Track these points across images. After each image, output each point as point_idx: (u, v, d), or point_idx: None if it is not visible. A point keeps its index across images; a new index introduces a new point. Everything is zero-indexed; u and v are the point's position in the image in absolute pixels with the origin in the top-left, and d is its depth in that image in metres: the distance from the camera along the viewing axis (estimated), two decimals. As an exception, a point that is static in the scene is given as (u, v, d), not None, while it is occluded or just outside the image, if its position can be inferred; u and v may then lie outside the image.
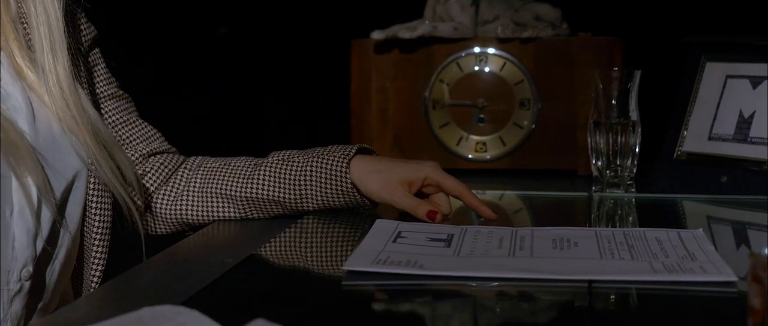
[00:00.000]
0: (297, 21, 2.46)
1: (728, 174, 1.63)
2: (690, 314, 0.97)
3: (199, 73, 2.51)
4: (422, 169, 1.38)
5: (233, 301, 0.99)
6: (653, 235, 1.20)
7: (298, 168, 1.37)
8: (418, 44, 1.85)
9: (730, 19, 2.14)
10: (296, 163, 1.37)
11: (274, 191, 1.37)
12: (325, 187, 1.36)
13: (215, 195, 1.38)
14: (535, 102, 1.83)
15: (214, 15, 2.50)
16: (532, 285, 1.03)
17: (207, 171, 1.40)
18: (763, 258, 0.77)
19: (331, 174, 1.36)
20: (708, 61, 1.73)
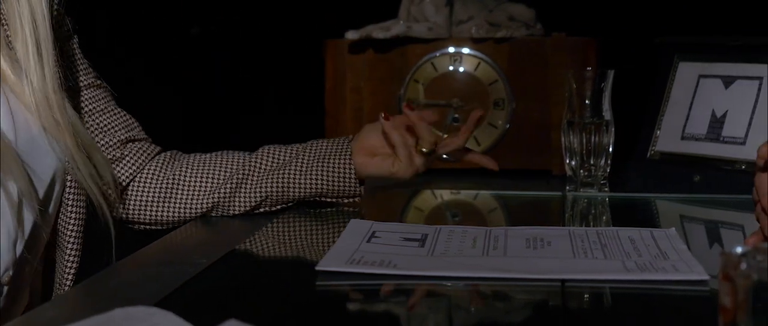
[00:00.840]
0: (271, 21, 2.45)
1: (701, 173, 1.64)
2: (662, 312, 0.97)
3: (171, 72, 2.50)
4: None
5: (207, 302, 0.99)
6: (626, 234, 1.21)
7: (296, 150, 1.42)
8: (393, 44, 1.85)
9: (702, 19, 2.15)
10: (294, 148, 1.42)
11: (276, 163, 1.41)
12: (326, 162, 1.42)
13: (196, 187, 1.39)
14: (509, 102, 1.84)
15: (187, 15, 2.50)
16: (505, 284, 1.03)
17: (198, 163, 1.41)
18: (734, 257, 0.77)
19: (333, 150, 1.43)
20: (681, 61, 1.74)
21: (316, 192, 1.42)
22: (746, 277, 0.75)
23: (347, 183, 1.42)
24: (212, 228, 1.36)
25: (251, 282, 1.10)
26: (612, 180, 1.63)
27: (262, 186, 1.40)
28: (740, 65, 1.65)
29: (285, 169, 1.41)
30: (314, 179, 1.42)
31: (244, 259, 1.20)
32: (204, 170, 1.41)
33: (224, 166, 1.41)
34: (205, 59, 2.50)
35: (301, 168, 1.42)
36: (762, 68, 1.62)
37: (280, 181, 1.41)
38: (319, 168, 1.42)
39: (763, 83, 1.62)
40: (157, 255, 1.21)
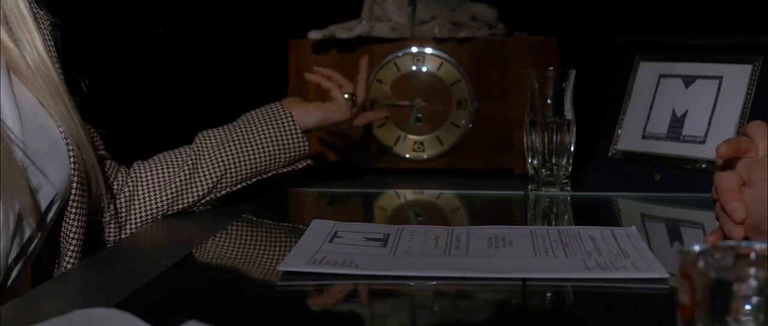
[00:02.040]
0: (234, 20, 2.44)
1: (662, 172, 1.65)
2: (622, 310, 0.98)
3: (134, 72, 2.49)
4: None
5: (167, 303, 0.99)
6: (587, 233, 1.21)
7: (234, 124, 1.46)
8: (356, 44, 1.85)
9: (663, 19, 2.16)
10: (231, 124, 1.47)
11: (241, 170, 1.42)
12: (268, 128, 1.46)
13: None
14: (471, 101, 1.84)
15: (151, 14, 2.48)
16: (467, 283, 1.03)
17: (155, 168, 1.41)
18: (692, 255, 0.77)
19: (271, 113, 1.47)
20: (641, 60, 1.75)
21: (267, 154, 1.43)
22: (704, 275, 0.76)
23: (294, 136, 1.46)
24: (173, 229, 1.35)
25: (212, 282, 1.09)
26: (574, 180, 1.64)
27: (214, 166, 1.41)
28: (700, 65, 1.66)
29: (231, 142, 1.42)
30: (261, 140, 1.43)
31: (206, 260, 1.20)
32: (155, 169, 1.41)
33: (172, 160, 1.42)
34: (168, 59, 2.49)
35: (247, 135, 1.44)
36: (722, 68, 1.64)
37: (231, 154, 1.42)
38: (264, 130, 1.44)
39: (722, 83, 1.63)
40: (118, 257, 1.21)
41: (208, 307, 0.97)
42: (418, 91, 1.85)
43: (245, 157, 1.43)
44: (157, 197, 1.39)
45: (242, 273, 1.16)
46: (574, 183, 1.64)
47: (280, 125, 1.46)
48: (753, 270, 0.76)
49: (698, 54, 1.67)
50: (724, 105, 1.62)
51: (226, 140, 1.43)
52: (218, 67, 2.47)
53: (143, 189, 1.39)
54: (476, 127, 1.84)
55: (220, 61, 2.46)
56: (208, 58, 2.46)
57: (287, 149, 1.45)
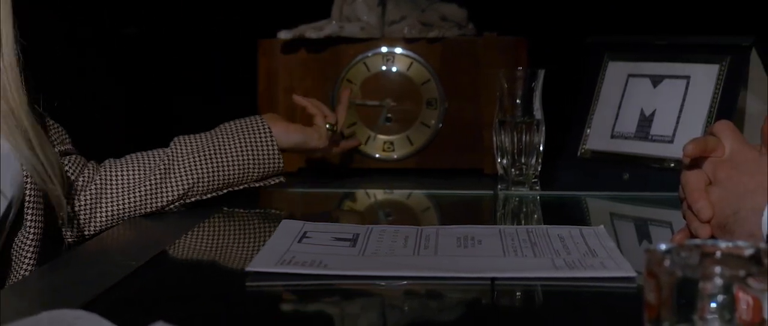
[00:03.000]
0: (203, 20, 2.43)
1: (630, 171, 1.66)
2: (590, 309, 0.98)
3: (104, 72, 2.47)
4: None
5: (135, 304, 0.98)
6: (556, 232, 1.22)
7: (212, 132, 1.45)
8: (326, 44, 1.85)
9: (631, 19, 2.17)
10: (209, 132, 1.45)
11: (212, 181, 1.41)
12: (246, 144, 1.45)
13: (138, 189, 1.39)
14: (441, 101, 1.84)
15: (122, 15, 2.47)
16: (436, 283, 1.03)
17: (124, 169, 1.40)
18: (658, 254, 0.78)
19: (250, 127, 1.45)
20: (610, 60, 1.76)
21: (241, 168, 1.43)
22: (670, 274, 0.76)
23: (270, 153, 1.45)
24: (142, 230, 1.35)
25: (180, 283, 1.09)
26: (543, 179, 1.64)
27: (187, 173, 1.40)
28: (668, 64, 1.67)
29: (206, 151, 1.42)
30: (237, 153, 1.43)
31: (174, 261, 1.19)
32: (126, 170, 1.40)
33: (145, 162, 1.41)
34: (138, 59, 2.48)
35: (223, 146, 1.43)
36: (689, 67, 1.65)
37: (205, 163, 1.41)
38: (241, 143, 1.44)
39: (690, 82, 1.64)
40: (85, 258, 1.20)
41: (176, 308, 0.97)
42: (387, 91, 1.85)
43: (219, 168, 1.42)
44: (125, 198, 1.38)
45: (211, 273, 1.16)
46: (543, 183, 1.64)
47: (258, 140, 1.45)
48: (718, 268, 0.76)
49: (666, 54, 1.68)
50: (692, 104, 1.63)
51: (201, 148, 1.42)
52: (187, 66, 2.46)
53: (112, 188, 1.39)
54: (446, 126, 1.84)
55: (190, 60, 2.45)
56: (178, 58, 2.46)
57: (262, 165, 1.45)
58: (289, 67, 1.86)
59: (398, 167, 1.86)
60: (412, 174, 1.83)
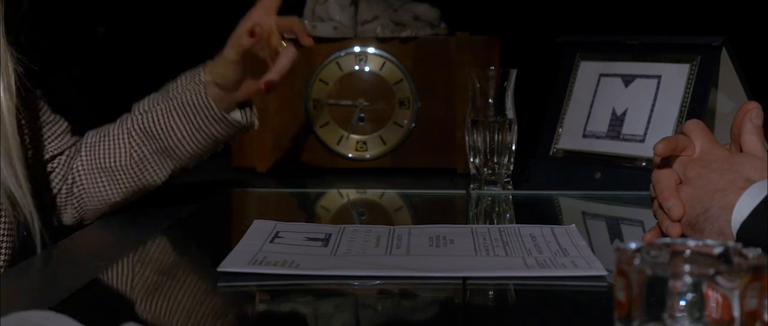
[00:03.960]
0: (176, 20, 2.43)
1: (602, 170, 1.67)
2: (561, 308, 0.98)
3: (74, 73, 2.46)
4: (245, 22, 1.46)
5: (105, 305, 0.98)
6: (527, 231, 1.22)
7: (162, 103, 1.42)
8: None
9: (603, 18, 2.18)
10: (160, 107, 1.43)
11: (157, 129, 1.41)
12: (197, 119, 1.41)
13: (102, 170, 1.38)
14: (414, 101, 1.84)
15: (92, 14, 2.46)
16: (408, 283, 1.03)
17: (88, 149, 1.40)
18: (628, 252, 0.78)
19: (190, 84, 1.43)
20: (582, 60, 1.76)
21: (195, 148, 1.41)
22: (640, 272, 0.76)
23: (221, 129, 1.41)
24: (112, 230, 1.34)
25: (151, 284, 1.09)
26: (515, 178, 1.65)
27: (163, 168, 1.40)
28: (639, 64, 1.68)
29: (161, 140, 1.40)
30: (187, 135, 1.41)
31: (145, 261, 1.19)
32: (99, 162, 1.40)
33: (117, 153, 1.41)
34: (109, 58, 2.47)
35: (174, 133, 1.41)
36: (660, 67, 1.66)
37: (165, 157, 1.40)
38: (189, 125, 1.41)
39: (661, 82, 1.65)
40: (56, 258, 1.19)
41: (146, 309, 0.97)
42: (360, 91, 1.85)
43: (176, 158, 1.41)
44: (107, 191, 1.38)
45: (182, 274, 1.16)
46: (515, 182, 1.65)
47: (206, 121, 1.41)
48: (688, 266, 0.76)
49: (637, 53, 1.69)
50: (663, 104, 1.63)
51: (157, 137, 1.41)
52: (159, 67, 2.45)
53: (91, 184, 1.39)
54: (419, 126, 1.85)
55: (162, 61, 2.44)
56: (150, 59, 2.45)
57: (219, 135, 1.43)
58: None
59: (371, 167, 1.86)
60: (385, 174, 1.83)
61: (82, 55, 2.48)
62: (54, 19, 2.43)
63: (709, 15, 2.13)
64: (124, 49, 2.47)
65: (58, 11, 2.42)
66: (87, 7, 2.46)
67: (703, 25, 2.04)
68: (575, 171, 1.70)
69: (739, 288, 0.75)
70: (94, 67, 2.47)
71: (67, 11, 2.44)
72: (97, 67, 2.47)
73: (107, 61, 2.48)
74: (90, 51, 2.48)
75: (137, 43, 2.45)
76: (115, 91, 2.50)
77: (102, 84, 2.49)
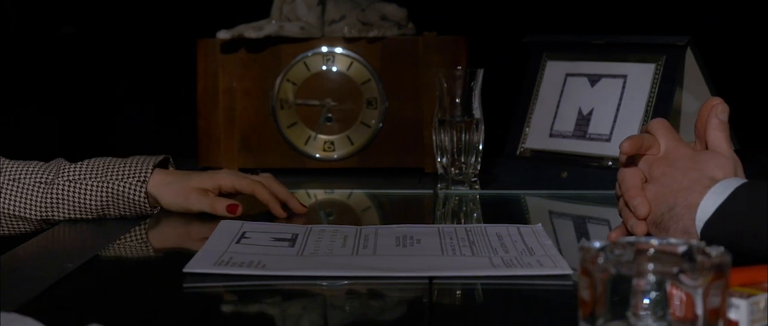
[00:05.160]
0: (141, 19, 2.42)
1: (569, 170, 1.67)
2: (526, 307, 0.99)
3: (44, 73, 2.45)
4: (215, 177, 1.40)
5: (70, 306, 0.97)
6: (494, 231, 1.22)
7: (95, 193, 1.36)
8: (265, 44, 1.84)
9: (569, 18, 2.19)
10: (92, 187, 1.37)
11: (72, 213, 1.36)
12: (125, 209, 1.38)
13: (7, 216, 1.36)
14: (381, 101, 1.84)
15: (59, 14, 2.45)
16: (374, 283, 1.03)
17: None
18: (592, 251, 0.79)
19: (131, 200, 1.37)
20: (548, 59, 1.77)
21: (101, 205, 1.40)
22: (604, 271, 0.77)
23: (148, 212, 1.39)
24: (77, 232, 1.33)
25: (117, 285, 1.08)
26: (482, 178, 1.65)
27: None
28: (605, 64, 1.69)
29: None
30: (118, 216, 1.39)
31: (111, 262, 1.18)
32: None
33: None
34: (78, 58, 2.46)
35: (102, 213, 1.39)
36: (626, 66, 1.66)
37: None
38: (122, 211, 1.39)
39: (627, 81, 1.66)
40: (22, 260, 1.18)
41: (112, 310, 0.96)
42: (328, 91, 1.85)
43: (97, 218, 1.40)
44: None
45: (148, 275, 1.15)
46: (483, 182, 1.65)
47: (140, 210, 1.39)
48: (651, 265, 0.77)
49: (603, 53, 1.70)
50: (629, 103, 1.64)
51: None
52: (126, 66, 2.44)
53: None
54: (386, 126, 1.85)
55: (128, 60, 2.43)
56: (116, 58, 2.44)
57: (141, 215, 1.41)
58: (228, 67, 1.85)
59: (339, 167, 1.86)
60: (353, 174, 1.83)
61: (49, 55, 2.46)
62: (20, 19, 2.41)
63: (674, 15, 2.14)
64: (93, 49, 2.46)
65: (24, 11, 2.41)
66: (53, 6, 2.44)
67: (669, 25, 2.05)
68: (542, 171, 1.70)
69: (702, 287, 0.76)
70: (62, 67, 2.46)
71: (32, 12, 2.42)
72: (63, 67, 2.46)
73: (75, 61, 2.46)
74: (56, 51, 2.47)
75: (105, 44, 2.44)
76: (83, 91, 2.48)
77: (69, 83, 2.47)
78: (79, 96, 2.50)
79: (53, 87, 2.48)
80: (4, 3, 2.35)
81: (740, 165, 1.09)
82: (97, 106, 2.49)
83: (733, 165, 1.07)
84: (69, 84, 2.47)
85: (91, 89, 2.48)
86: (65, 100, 2.50)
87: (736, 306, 0.85)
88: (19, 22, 2.41)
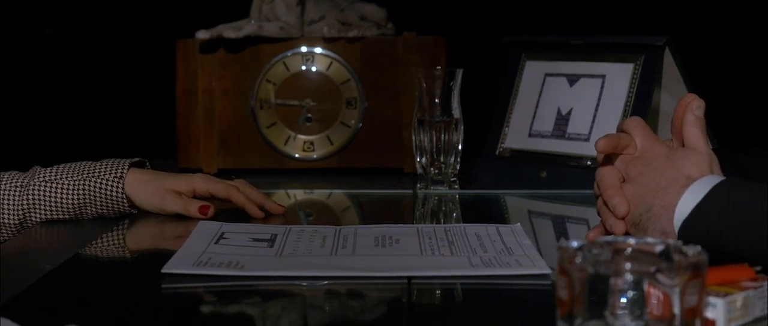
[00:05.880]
0: (121, 19, 2.41)
1: (548, 169, 1.68)
2: (505, 306, 0.99)
3: (21, 73, 2.44)
4: (191, 181, 1.39)
5: (48, 307, 0.97)
6: (473, 231, 1.23)
7: (71, 191, 1.36)
8: (244, 44, 1.84)
9: (549, 18, 2.19)
10: (68, 186, 1.36)
11: (50, 214, 1.36)
12: (103, 207, 1.37)
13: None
14: (361, 101, 1.84)
15: (39, 14, 2.44)
16: (353, 283, 1.03)
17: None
18: (570, 251, 0.79)
19: (109, 196, 1.36)
20: (527, 59, 1.77)
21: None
22: (582, 270, 0.77)
23: (125, 212, 1.39)
24: (56, 232, 1.33)
25: (95, 286, 1.08)
26: (462, 178, 1.65)
27: None
28: (584, 63, 1.69)
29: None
30: (96, 216, 1.39)
31: (89, 263, 1.18)
32: None
33: None
34: (57, 58, 2.45)
35: (79, 213, 1.38)
36: (604, 66, 1.67)
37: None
38: (99, 209, 1.39)
39: (605, 81, 1.66)
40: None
41: (90, 311, 0.96)
42: (307, 91, 1.84)
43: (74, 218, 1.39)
44: None
45: (126, 275, 1.15)
46: (462, 182, 1.65)
47: (118, 208, 1.38)
48: (629, 264, 0.77)
49: (582, 53, 1.70)
50: (607, 103, 1.65)
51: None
52: (106, 66, 2.43)
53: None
54: (366, 126, 1.85)
55: (108, 60, 2.42)
56: (96, 58, 2.43)
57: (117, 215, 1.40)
58: (207, 67, 1.85)
59: (319, 167, 1.86)
60: (333, 174, 1.83)
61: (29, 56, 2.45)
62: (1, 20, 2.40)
63: (652, 15, 2.15)
64: (73, 50, 2.45)
65: (4, 12, 2.40)
66: (34, 7, 2.43)
67: (647, 26, 2.05)
68: (521, 171, 1.71)
69: (679, 286, 0.76)
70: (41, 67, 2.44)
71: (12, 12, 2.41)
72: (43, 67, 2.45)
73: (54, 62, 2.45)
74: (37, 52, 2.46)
75: (85, 44, 2.43)
76: (63, 91, 2.47)
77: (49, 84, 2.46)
78: (59, 96, 2.49)
79: (33, 87, 2.46)
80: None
81: (716, 161, 1.09)
82: (77, 106, 2.48)
83: (709, 162, 1.08)
84: (49, 84, 2.46)
85: (71, 90, 2.47)
86: (45, 100, 2.49)
87: (713, 305, 0.85)
88: (0, 23, 2.40)
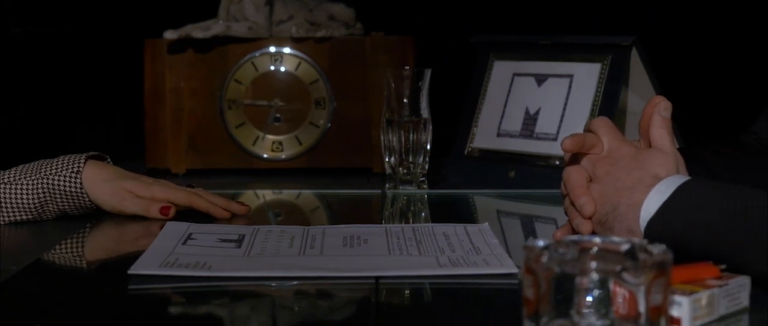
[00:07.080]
0: (89, 19, 2.40)
1: (516, 169, 1.68)
2: (472, 306, 0.99)
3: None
4: (151, 188, 1.39)
5: (14, 310, 0.96)
6: (441, 230, 1.23)
7: (31, 190, 1.35)
8: (213, 44, 1.84)
9: (516, 18, 2.20)
10: (27, 185, 1.35)
11: (12, 215, 1.35)
12: (64, 203, 1.36)
13: None
14: (330, 101, 1.84)
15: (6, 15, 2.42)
16: (321, 283, 1.03)
17: None
18: (536, 250, 0.79)
19: (68, 192, 1.35)
20: (496, 59, 1.78)
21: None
22: (548, 269, 0.78)
23: (87, 208, 1.38)
24: (22, 234, 1.32)
25: (62, 287, 1.07)
26: (430, 178, 1.66)
27: None
28: (551, 63, 1.70)
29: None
30: (58, 213, 1.38)
31: (55, 264, 1.17)
32: None
33: None
34: (23, 58, 2.43)
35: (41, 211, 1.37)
36: (572, 66, 1.68)
37: None
38: (62, 206, 1.38)
39: (573, 81, 1.67)
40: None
41: (56, 313, 0.95)
42: (276, 91, 1.84)
43: (37, 218, 1.37)
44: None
45: (93, 277, 1.14)
46: (431, 181, 1.65)
47: (81, 205, 1.38)
48: (595, 263, 0.78)
49: (550, 53, 1.71)
50: (575, 103, 1.65)
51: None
52: (73, 66, 2.42)
53: None
54: (335, 126, 1.85)
55: (76, 60, 2.41)
56: (64, 58, 2.42)
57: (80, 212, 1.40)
58: (175, 68, 1.84)
59: (287, 167, 1.85)
60: (302, 174, 1.83)
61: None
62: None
63: (619, 15, 2.16)
64: (40, 49, 2.43)
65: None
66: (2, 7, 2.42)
67: (614, 26, 2.07)
68: (490, 170, 1.71)
69: (644, 284, 0.77)
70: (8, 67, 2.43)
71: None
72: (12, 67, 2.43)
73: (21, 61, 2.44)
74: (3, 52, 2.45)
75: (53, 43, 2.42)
76: (31, 91, 2.46)
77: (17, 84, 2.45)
78: (24, 96, 2.47)
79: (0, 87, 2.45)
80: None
81: (682, 162, 1.10)
82: (43, 106, 2.47)
83: (675, 163, 1.08)
84: (14, 84, 2.44)
85: (37, 89, 2.45)
86: (9, 100, 2.47)
87: (678, 303, 0.86)
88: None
